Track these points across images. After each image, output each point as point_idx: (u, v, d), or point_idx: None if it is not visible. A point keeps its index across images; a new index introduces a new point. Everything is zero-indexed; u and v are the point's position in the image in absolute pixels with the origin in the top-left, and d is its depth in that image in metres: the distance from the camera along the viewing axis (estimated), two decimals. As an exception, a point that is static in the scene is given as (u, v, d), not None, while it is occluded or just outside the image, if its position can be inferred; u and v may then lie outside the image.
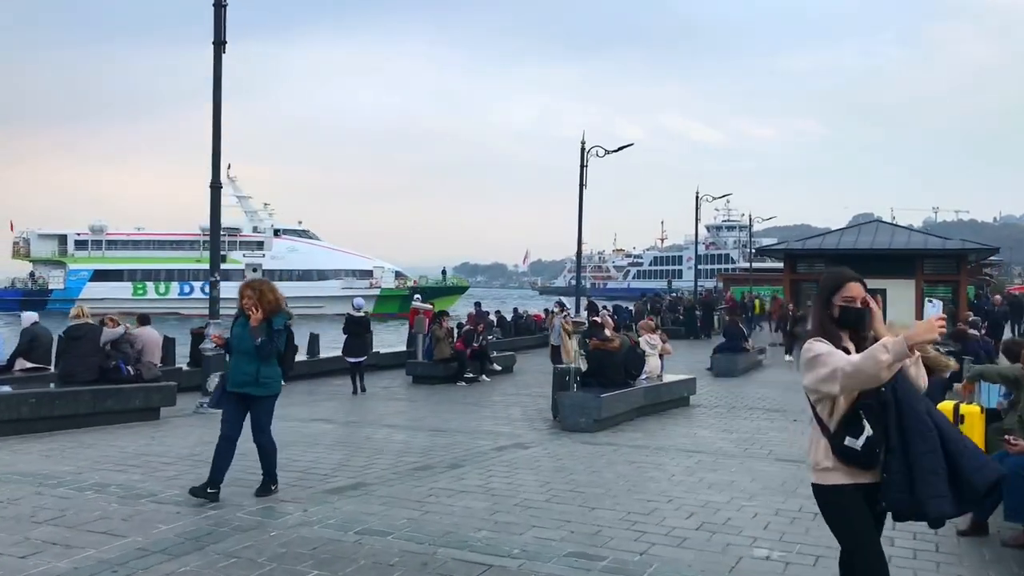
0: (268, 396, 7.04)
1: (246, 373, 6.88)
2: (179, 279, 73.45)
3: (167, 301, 72.28)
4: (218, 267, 12.93)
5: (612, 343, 12.63)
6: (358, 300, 17.54)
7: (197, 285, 72.75)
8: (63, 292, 70.21)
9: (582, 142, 25.79)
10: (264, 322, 6.86)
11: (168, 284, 73.20)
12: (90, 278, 71.15)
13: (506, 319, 29.06)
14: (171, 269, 73.41)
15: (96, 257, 72.84)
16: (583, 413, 11.33)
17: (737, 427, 12.19)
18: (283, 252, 75.36)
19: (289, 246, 75.79)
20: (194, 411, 12.54)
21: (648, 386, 13.31)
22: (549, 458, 9.29)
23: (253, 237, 76.15)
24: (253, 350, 6.81)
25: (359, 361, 16.27)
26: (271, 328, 6.90)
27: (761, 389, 17.40)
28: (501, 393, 16.33)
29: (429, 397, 15.66)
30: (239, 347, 6.96)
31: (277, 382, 7.08)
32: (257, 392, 6.94)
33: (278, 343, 6.96)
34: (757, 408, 14.47)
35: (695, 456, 9.60)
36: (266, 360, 6.89)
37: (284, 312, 7.03)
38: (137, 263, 72.62)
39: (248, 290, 6.96)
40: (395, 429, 11.33)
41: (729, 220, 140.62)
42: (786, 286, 31.93)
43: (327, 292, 70.19)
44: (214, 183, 12.71)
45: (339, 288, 71.06)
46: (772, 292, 51.94)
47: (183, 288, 73.25)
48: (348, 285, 72.49)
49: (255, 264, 74.29)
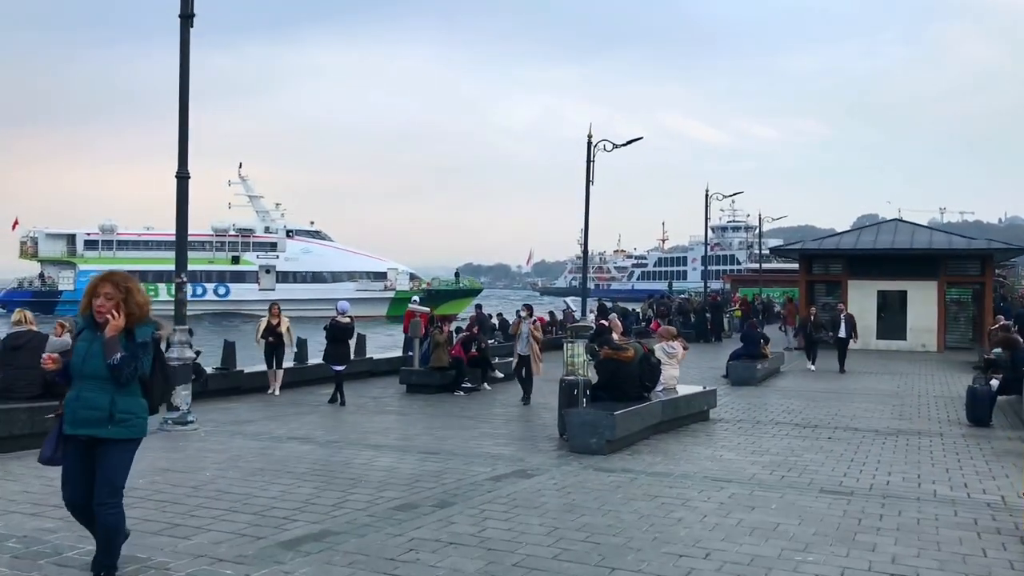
0: (126, 441, 4.89)
1: (95, 407, 4.76)
2: (191, 280, 71.50)
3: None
4: (184, 267, 11.55)
5: (626, 352, 11.25)
6: (343, 303, 16.04)
7: (210, 287, 71.93)
8: (73, 293, 68.50)
9: (588, 136, 24.42)
10: (123, 333, 4.83)
11: None
12: None
13: (508, 322, 27.63)
14: None
15: (107, 257, 70.84)
16: (594, 432, 9.97)
17: (767, 447, 10.81)
18: (297, 253, 74.26)
19: (303, 247, 74.66)
20: (159, 428, 11.18)
21: (665, 400, 11.93)
22: (556, 491, 7.92)
23: (266, 238, 74.95)
24: (106, 373, 4.76)
25: (340, 369, 14.95)
26: (133, 342, 4.84)
27: (785, 400, 16.02)
28: (502, 405, 14.97)
29: (423, 409, 14.31)
30: (85, 370, 4.81)
31: (141, 420, 4.95)
32: (111, 434, 4.80)
33: (142, 363, 4.88)
34: (784, 423, 13.09)
35: (726, 488, 8.22)
36: (125, 388, 4.82)
37: (152, 322, 5.02)
38: (148, 264, 70.34)
39: (107, 285, 4.88)
40: (380, 451, 9.97)
41: (734, 221, 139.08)
42: (802, 288, 30.50)
43: (341, 293, 68.87)
44: (180, 172, 11.35)
45: (354, 290, 69.93)
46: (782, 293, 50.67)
47: (195, 289, 71.79)
48: (363, 287, 71.86)
49: (269, 265, 73.48)
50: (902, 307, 28.73)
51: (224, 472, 8.38)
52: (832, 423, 13.10)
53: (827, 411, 14.45)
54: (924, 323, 28.30)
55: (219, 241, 73.59)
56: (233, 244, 73.85)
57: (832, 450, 10.66)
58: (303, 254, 74.21)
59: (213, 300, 71.15)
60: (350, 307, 16.23)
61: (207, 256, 72.93)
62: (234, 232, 74.01)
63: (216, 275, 72.38)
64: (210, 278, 72.19)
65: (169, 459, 9.07)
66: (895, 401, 15.85)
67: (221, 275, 72.53)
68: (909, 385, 18.68)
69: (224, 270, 72.71)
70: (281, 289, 72.07)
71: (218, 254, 73.23)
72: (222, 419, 12.59)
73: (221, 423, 12.11)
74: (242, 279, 72.90)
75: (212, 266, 72.47)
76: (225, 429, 11.51)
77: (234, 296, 71.27)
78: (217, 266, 72.62)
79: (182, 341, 11.28)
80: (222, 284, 72.41)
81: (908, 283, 28.51)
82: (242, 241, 74.09)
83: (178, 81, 11.36)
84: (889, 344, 27.91)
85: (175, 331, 11.32)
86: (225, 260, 73.21)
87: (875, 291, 28.71)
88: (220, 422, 12.22)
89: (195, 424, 11.33)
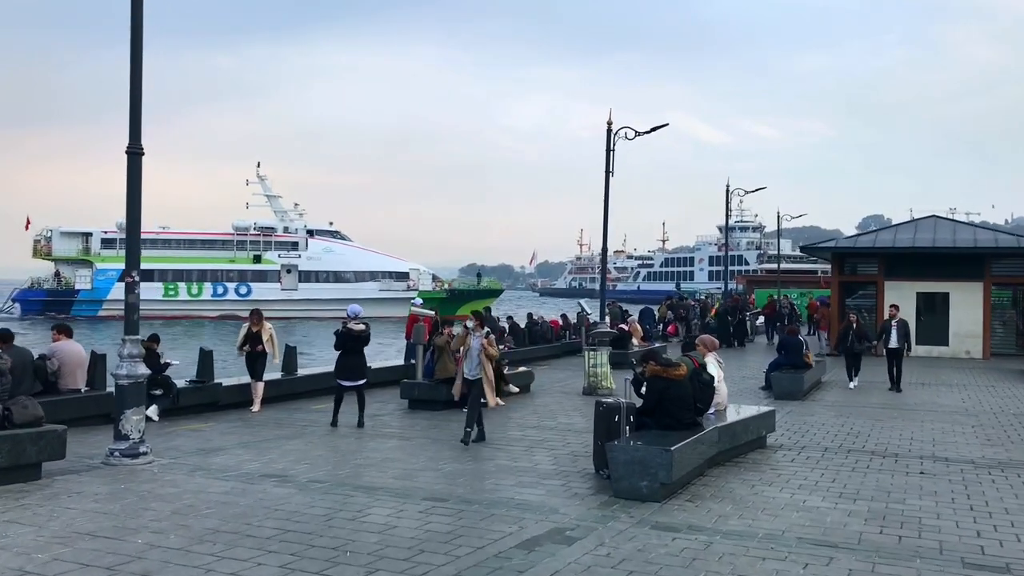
0: None
1: None
2: (212, 280, 70.00)
3: (200, 303, 69.00)
4: (137, 265, 9.46)
5: (677, 369, 9.15)
6: (354, 307, 13.41)
7: (231, 286, 69.93)
8: (90, 293, 66.86)
9: (608, 123, 22.31)
10: None
11: (200, 285, 69.57)
12: (118, 278, 67.00)
13: (519, 326, 25.56)
14: (203, 269, 69.90)
15: (125, 256, 68.72)
16: (645, 473, 7.87)
17: (854, 487, 8.72)
18: (319, 253, 72.21)
19: (325, 247, 72.64)
20: (102, 462, 9.11)
21: (722, 426, 9.83)
22: (609, 569, 5.82)
23: (288, 237, 72.86)
24: None
25: (357, 385, 12.70)
26: None
27: (842, 418, 13.91)
28: (520, 425, 12.87)
29: (427, 431, 12.22)
30: None
31: None
32: None
33: None
34: (856, 450, 11.00)
35: (837, 559, 6.13)
36: None
37: None
38: (168, 263, 68.68)
39: None
40: (374, 496, 7.88)
41: (742, 221, 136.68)
42: (834, 289, 28.36)
43: (364, 294, 66.96)
44: (132, 147, 9.26)
45: (376, 290, 68.20)
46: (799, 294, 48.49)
47: (216, 289, 69.87)
48: (386, 287, 69.98)
49: (290, 265, 71.46)
50: (944, 310, 26.58)
51: (163, 537, 6.28)
52: (913, 451, 11.01)
53: (898, 434, 12.35)
54: (968, 328, 26.15)
55: (240, 240, 71.54)
56: (255, 243, 71.74)
57: (936, 491, 8.57)
58: (325, 254, 72.16)
59: (234, 300, 68.87)
60: (363, 310, 13.59)
61: (228, 255, 71.12)
62: (255, 231, 71.98)
63: (237, 274, 70.33)
64: (231, 277, 70.13)
65: (97, 515, 6.98)
66: (971, 421, 13.74)
67: (242, 274, 70.43)
68: (975, 399, 16.56)
69: (245, 269, 70.59)
70: (303, 289, 70.46)
71: (239, 253, 71.13)
72: (187, 446, 10.51)
73: (184, 452, 10.02)
74: (264, 278, 70.77)
75: (233, 265, 70.49)
76: (186, 462, 9.42)
77: (256, 296, 68.78)
78: (239, 265, 70.59)
79: (132, 355, 9.18)
80: (243, 283, 70.25)
81: (951, 284, 26.38)
82: (264, 240, 72.00)
83: (130, 42, 9.29)
84: (930, 350, 25.77)
85: (125, 342, 9.23)
86: (246, 259, 71.03)
87: (914, 293, 26.55)
88: (183, 451, 10.14)
89: (149, 456, 9.25)
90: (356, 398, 12.64)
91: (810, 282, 60.90)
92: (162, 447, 10.30)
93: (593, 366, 16.86)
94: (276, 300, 68.49)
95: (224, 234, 72.20)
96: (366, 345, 12.92)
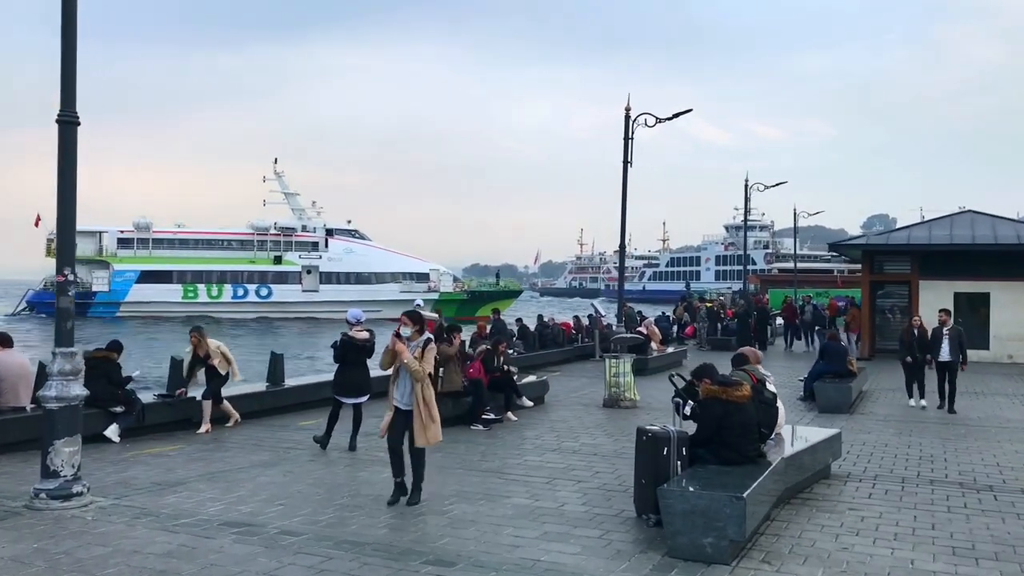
0: None
1: None
2: (232, 281, 67.64)
3: (220, 305, 66.71)
4: (71, 262, 7.68)
5: (740, 389, 7.37)
6: (354, 311, 11.23)
7: (252, 288, 67.86)
8: (108, 295, 64.41)
9: (626, 109, 20.60)
10: None
11: (220, 286, 67.22)
12: (136, 279, 65.05)
13: (529, 329, 23.76)
14: (223, 270, 67.52)
15: (142, 257, 66.60)
16: (709, 528, 6.10)
17: (962, 535, 6.96)
18: (340, 253, 70.27)
19: (345, 247, 70.67)
20: (25, 505, 7.35)
21: (788, 456, 8.04)
22: None
23: (308, 237, 70.79)
24: None
25: (357, 403, 10.87)
26: None
27: (905, 436, 12.14)
28: (537, 446, 11.10)
29: (430, 457, 10.42)
30: None
31: None
32: None
33: None
34: (941, 481, 9.23)
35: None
36: None
37: None
38: (186, 263, 66.70)
39: None
40: (360, 557, 6.11)
41: (750, 220, 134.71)
42: (864, 289, 26.56)
43: (385, 296, 65.24)
44: (64, 115, 7.49)
45: (398, 291, 66.12)
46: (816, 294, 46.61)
47: (236, 291, 67.70)
48: (407, 288, 67.76)
49: (311, 266, 69.51)
50: (984, 311, 24.75)
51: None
52: (1008, 482, 9.23)
53: (979, 458, 10.57)
54: (1012, 330, 24.31)
55: (260, 240, 69.38)
56: (275, 243, 69.57)
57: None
58: (346, 254, 70.18)
59: (255, 303, 67.21)
60: (364, 315, 11.39)
61: (248, 256, 68.82)
62: (276, 231, 69.75)
63: (258, 276, 68.06)
64: (252, 279, 67.86)
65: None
66: (1056, 440, 11.96)
67: (263, 276, 68.15)
68: (1045, 413, 14.78)
69: (266, 270, 68.36)
70: (325, 291, 68.40)
71: (259, 253, 68.96)
72: (142, 478, 8.75)
73: (135, 488, 8.26)
74: (284, 280, 68.57)
75: (254, 266, 68.22)
76: (132, 503, 7.65)
77: (277, 298, 67.21)
78: (259, 266, 68.34)
79: (65, 372, 7.40)
80: (264, 285, 68.06)
81: (992, 283, 24.56)
82: (284, 240, 69.84)
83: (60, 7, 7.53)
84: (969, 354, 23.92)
85: (56, 356, 7.46)
86: (267, 260, 68.79)
87: (951, 293, 24.70)
88: (135, 486, 8.38)
89: (85, 496, 7.48)
90: (352, 415, 10.90)
91: (827, 282, 59.20)
92: (111, 480, 8.56)
93: (615, 375, 15.09)
94: (297, 302, 66.94)
95: (243, 234, 69.90)
96: (370, 356, 10.99)
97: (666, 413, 14.36)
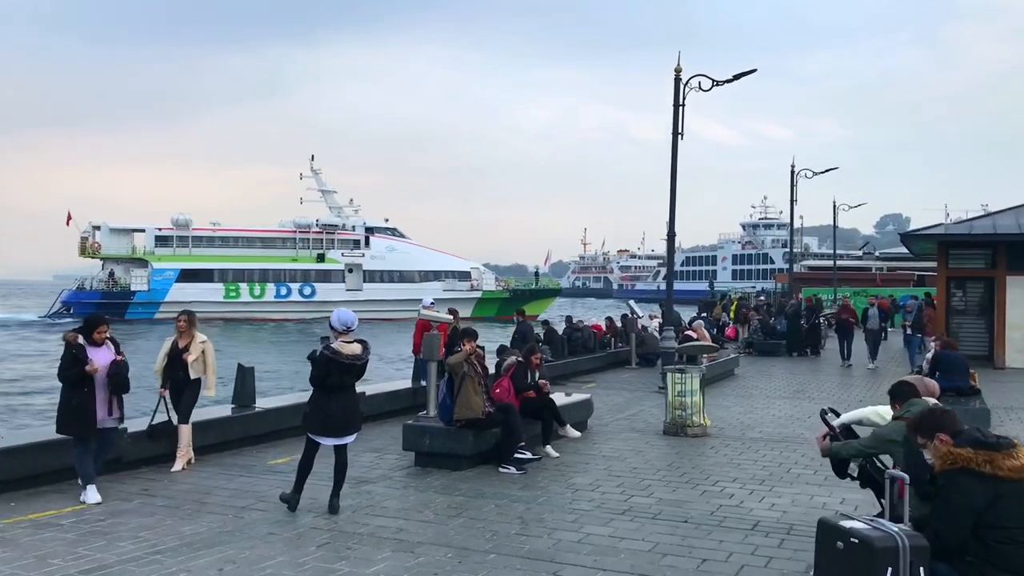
0: None
1: None
2: (274, 280, 64.90)
3: (262, 305, 64.08)
4: None
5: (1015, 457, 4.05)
6: (344, 313, 7.69)
7: (295, 287, 65.16)
8: (147, 294, 61.53)
9: (676, 71, 17.33)
10: None
11: (263, 286, 64.54)
12: (176, 278, 62.22)
13: (557, 332, 20.44)
14: (265, 269, 64.89)
15: (182, 255, 63.82)
16: None
17: None
18: (382, 251, 67.92)
19: (388, 245, 68.33)
20: None
21: None
22: None
23: (350, 235, 68.26)
24: None
25: (341, 443, 7.57)
26: None
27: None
28: (598, 506, 7.80)
29: (446, 521, 7.21)
30: None
31: None
32: None
33: None
34: None
35: None
36: None
37: None
38: (227, 262, 64.03)
39: None
40: None
41: (766, 218, 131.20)
42: (940, 284, 23.18)
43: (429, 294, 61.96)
44: None
45: (441, 290, 62.89)
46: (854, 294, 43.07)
47: (279, 290, 65.01)
48: (450, 287, 65.49)
49: (354, 264, 66.95)
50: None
51: None
52: None
53: None
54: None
55: (302, 238, 66.82)
56: (317, 241, 66.99)
57: None
58: (388, 252, 67.80)
59: (298, 302, 64.49)
60: (355, 319, 7.74)
61: (290, 254, 66.23)
62: (317, 228, 67.22)
63: (301, 274, 65.44)
64: (295, 277, 65.21)
65: None
66: None
67: (306, 274, 65.54)
68: None
69: (309, 269, 65.74)
70: (368, 289, 65.83)
71: (301, 252, 66.35)
72: None
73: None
74: (328, 278, 65.94)
75: (296, 264, 65.62)
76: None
77: (320, 297, 64.22)
78: (302, 264, 65.72)
79: None
80: (307, 284, 65.38)
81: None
82: (327, 238, 67.23)
83: None
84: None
85: None
86: (310, 258, 66.19)
87: (1043, 290, 21.35)
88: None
89: None
90: (334, 461, 7.61)
91: (865, 280, 55.67)
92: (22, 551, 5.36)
93: (679, 394, 11.80)
94: (341, 301, 63.98)
95: (284, 232, 67.39)
96: (360, 378, 7.75)
97: (745, 443, 11.13)
